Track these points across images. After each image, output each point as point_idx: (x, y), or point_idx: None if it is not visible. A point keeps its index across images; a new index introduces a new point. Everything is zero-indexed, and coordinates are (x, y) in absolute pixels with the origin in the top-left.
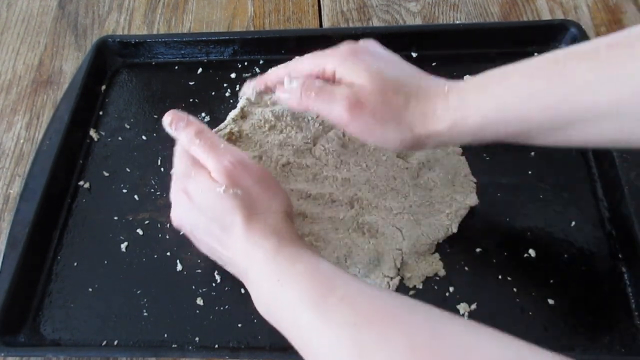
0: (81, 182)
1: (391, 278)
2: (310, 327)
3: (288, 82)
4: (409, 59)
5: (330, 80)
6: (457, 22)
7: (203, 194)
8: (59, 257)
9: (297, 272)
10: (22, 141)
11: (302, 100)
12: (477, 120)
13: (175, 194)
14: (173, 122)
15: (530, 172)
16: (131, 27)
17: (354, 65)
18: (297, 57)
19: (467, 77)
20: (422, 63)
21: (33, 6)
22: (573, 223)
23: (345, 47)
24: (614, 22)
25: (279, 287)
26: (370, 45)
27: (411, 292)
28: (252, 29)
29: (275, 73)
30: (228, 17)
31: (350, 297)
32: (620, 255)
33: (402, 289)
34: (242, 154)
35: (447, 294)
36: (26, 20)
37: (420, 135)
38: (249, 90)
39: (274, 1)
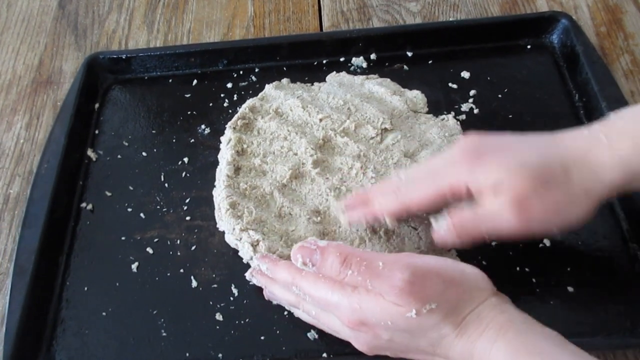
0: (83, 204)
1: None
2: None
3: (435, 222)
4: (404, 59)
5: (464, 196)
6: (451, 19)
7: (392, 324)
8: (67, 283)
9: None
10: (22, 141)
11: (462, 239)
12: None
13: (353, 332)
14: (304, 257)
15: None
16: (131, 27)
17: (488, 170)
18: (406, 180)
19: (611, 115)
20: (417, 62)
21: (33, 6)
22: None
23: (459, 152)
24: (614, 22)
25: None
26: (478, 138)
27: None
28: (252, 29)
29: (387, 208)
30: (228, 17)
31: None
32: (632, 239)
33: None
34: (408, 259)
35: None
36: (26, 20)
37: (601, 196)
38: (345, 221)
39: (274, 1)
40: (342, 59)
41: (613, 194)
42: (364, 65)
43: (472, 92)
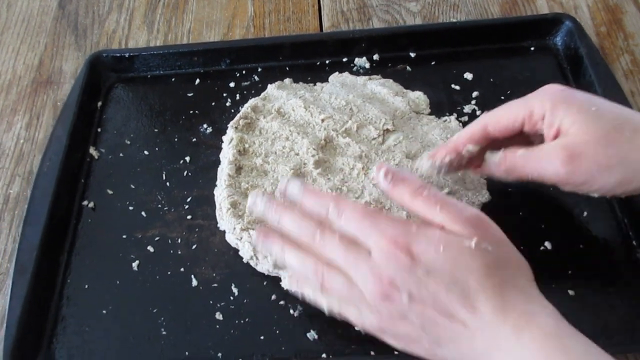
0: (85, 202)
1: None
2: None
3: (490, 155)
4: (407, 59)
5: (535, 128)
6: (454, 20)
7: (444, 250)
8: (68, 281)
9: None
10: (22, 141)
11: (508, 174)
12: None
13: (389, 257)
14: (389, 174)
15: None
16: (131, 27)
17: (568, 109)
18: (485, 114)
19: None
20: (420, 63)
21: (33, 6)
22: (585, 213)
23: (551, 89)
24: (614, 22)
25: None
26: (576, 92)
27: None
28: (252, 29)
29: (467, 134)
30: (228, 17)
31: None
32: (634, 242)
33: None
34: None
35: None
36: (26, 20)
37: None
38: (426, 163)
39: (274, 1)
40: (344, 60)
41: None
42: (367, 65)
43: (474, 94)
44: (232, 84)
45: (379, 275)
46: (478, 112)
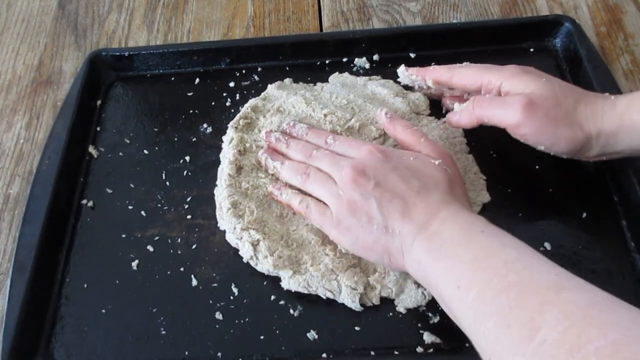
0: (84, 201)
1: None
2: (518, 264)
3: (458, 106)
4: (407, 60)
5: (493, 92)
6: (454, 21)
7: (413, 159)
8: (67, 280)
9: (501, 231)
10: (22, 141)
11: (474, 112)
12: None
13: (367, 155)
14: (388, 113)
15: (537, 167)
16: (131, 27)
17: (521, 80)
18: (460, 65)
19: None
20: (420, 63)
21: (33, 6)
22: (585, 214)
23: (510, 67)
24: (614, 22)
25: (482, 236)
26: (532, 68)
27: None
28: (252, 29)
29: (437, 72)
30: (228, 17)
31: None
32: (632, 243)
33: None
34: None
35: None
36: (26, 20)
37: (589, 135)
38: (404, 75)
39: (274, 1)
40: (344, 60)
41: (595, 153)
42: (367, 66)
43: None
44: (232, 84)
45: (355, 165)
46: None
